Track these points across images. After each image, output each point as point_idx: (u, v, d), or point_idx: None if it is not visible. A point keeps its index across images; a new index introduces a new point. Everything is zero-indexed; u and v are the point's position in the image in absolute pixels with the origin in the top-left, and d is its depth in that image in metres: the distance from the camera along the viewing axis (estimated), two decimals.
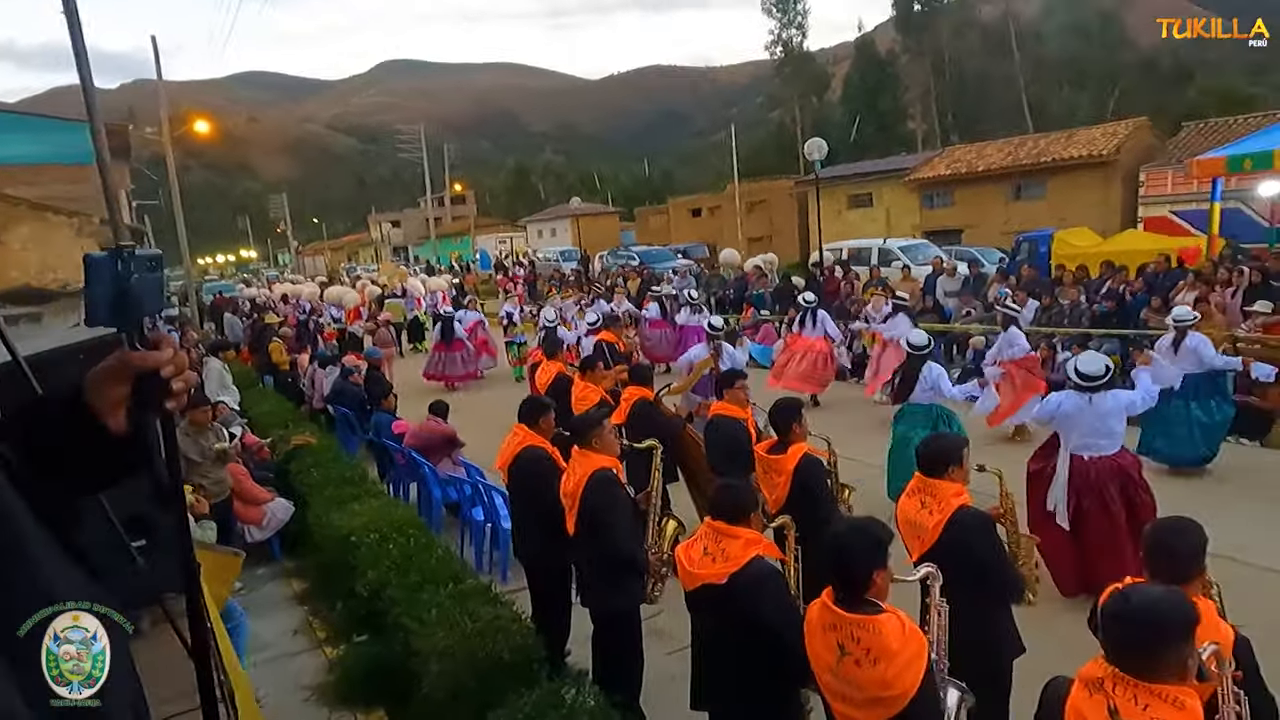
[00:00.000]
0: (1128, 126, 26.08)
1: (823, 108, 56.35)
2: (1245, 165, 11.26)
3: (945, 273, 14.56)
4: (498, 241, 49.28)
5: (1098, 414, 5.00)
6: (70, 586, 1.07)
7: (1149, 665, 1.85)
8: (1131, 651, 1.88)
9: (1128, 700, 1.84)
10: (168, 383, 1.24)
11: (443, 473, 7.15)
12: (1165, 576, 2.46)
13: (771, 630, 2.90)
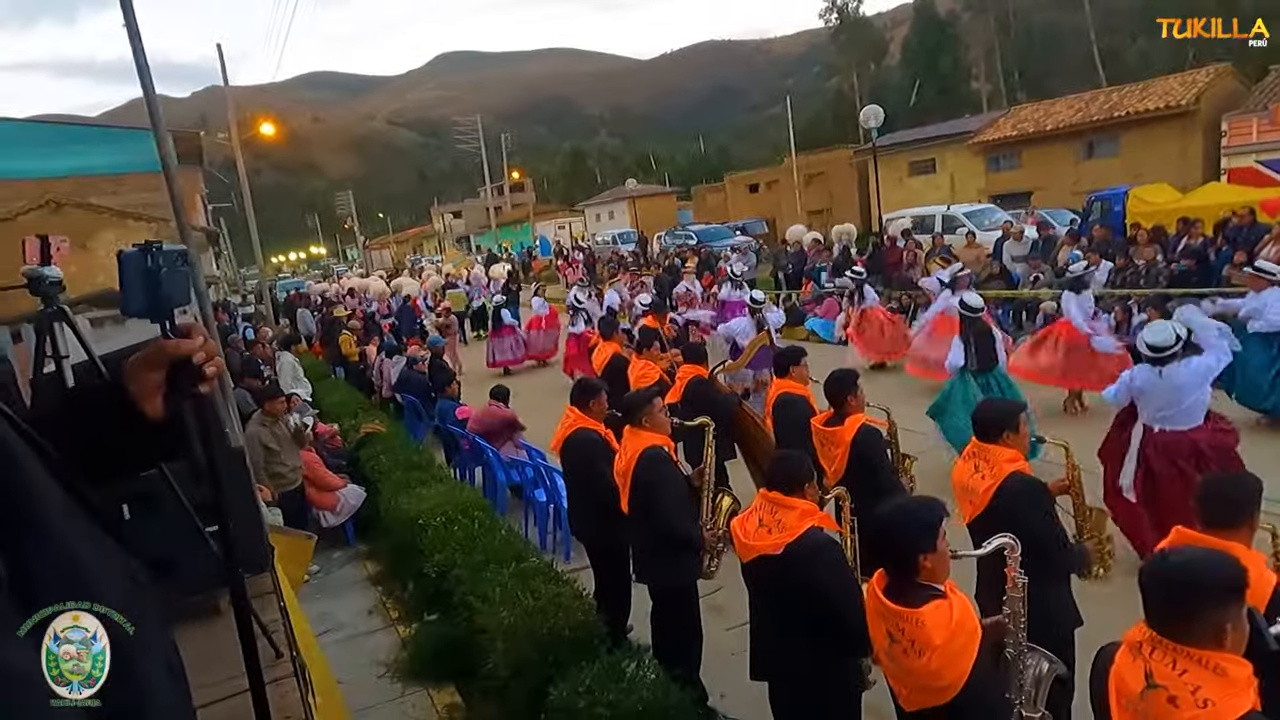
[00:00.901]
0: (1208, 74, 24.62)
1: (881, 73, 54.90)
2: None
3: (1013, 237, 14.08)
4: (557, 227, 49.69)
5: (1171, 387, 4.73)
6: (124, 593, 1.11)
7: (1186, 628, 1.78)
8: (1167, 613, 1.82)
9: (1165, 665, 1.78)
10: (200, 368, 1.31)
11: (505, 456, 7.31)
12: (1216, 522, 2.42)
13: (828, 601, 2.90)
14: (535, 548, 5.59)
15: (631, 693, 3.23)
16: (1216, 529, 2.40)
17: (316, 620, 5.45)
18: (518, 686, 3.72)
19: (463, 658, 4.46)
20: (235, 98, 20.97)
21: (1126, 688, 1.85)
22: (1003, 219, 18.07)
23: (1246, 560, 2.32)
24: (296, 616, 3.56)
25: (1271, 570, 2.44)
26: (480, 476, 8.05)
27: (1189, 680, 1.74)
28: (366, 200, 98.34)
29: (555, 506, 6.39)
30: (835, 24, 54.22)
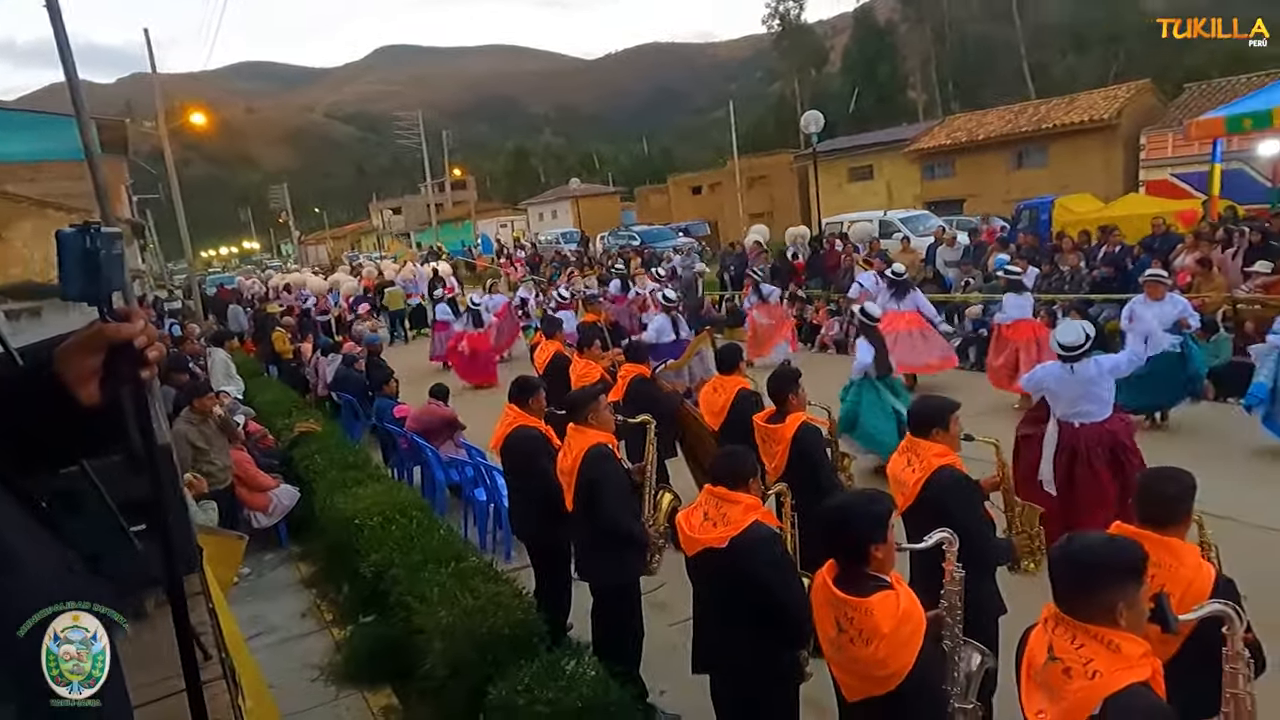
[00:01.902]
0: (1129, 90, 25.82)
1: (822, 80, 55.91)
2: (1245, 125, 11.17)
3: (945, 243, 14.50)
4: (499, 226, 49.21)
5: (1080, 382, 5.01)
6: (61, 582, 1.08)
7: (1085, 606, 1.89)
8: (1069, 592, 1.93)
9: (1065, 640, 1.89)
10: (142, 353, 1.26)
11: (445, 455, 7.22)
12: (1152, 520, 2.52)
13: (770, 592, 2.95)
14: (475, 547, 5.53)
15: (571, 690, 3.23)
16: (1154, 525, 2.49)
17: (248, 623, 5.29)
18: (456, 686, 3.68)
19: (400, 659, 4.39)
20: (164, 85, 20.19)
21: (1034, 660, 1.96)
22: (936, 225, 18.58)
23: (1184, 554, 2.46)
24: (225, 619, 3.45)
25: (1205, 560, 2.54)
26: (419, 476, 7.94)
27: (1084, 654, 1.84)
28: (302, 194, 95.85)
29: (495, 505, 6.33)
30: (778, 30, 55.03)
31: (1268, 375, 6.68)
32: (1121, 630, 1.86)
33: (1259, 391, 6.73)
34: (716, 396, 5.46)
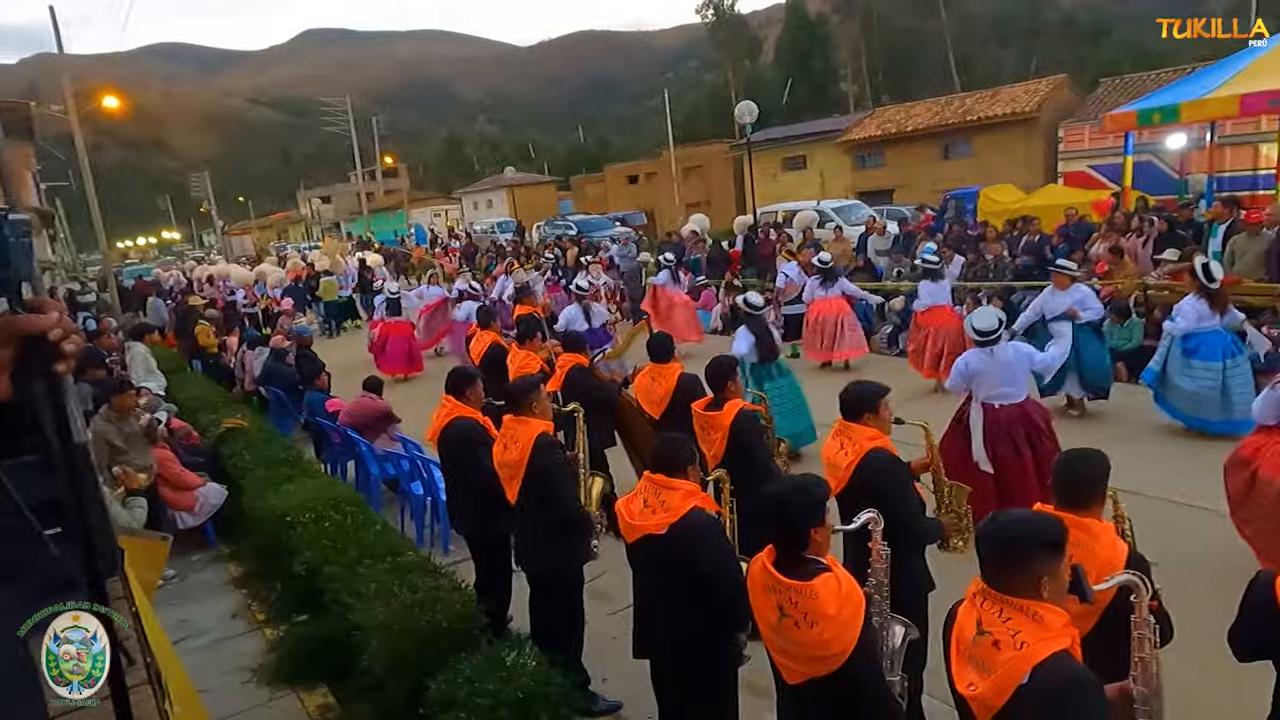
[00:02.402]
0: (1048, 84, 26.79)
1: (756, 70, 56.42)
2: (1154, 119, 11.68)
3: (876, 232, 14.84)
4: (433, 215, 48.39)
5: (1000, 364, 5.32)
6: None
7: (1009, 580, 1.98)
8: (995, 567, 2.02)
9: (993, 613, 1.98)
10: (57, 346, 1.20)
11: (380, 449, 7.09)
12: (1069, 501, 2.63)
13: (710, 577, 2.99)
14: (412, 542, 5.46)
15: (511, 681, 3.22)
16: (1071, 506, 2.61)
17: (176, 627, 5.12)
18: (395, 682, 3.63)
19: (336, 657, 4.30)
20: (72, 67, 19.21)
21: (963, 635, 2.03)
22: (868, 214, 18.98)
23: (1100, 532, 2.57)
24: (149, 622, 3.33)
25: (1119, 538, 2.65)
26: (353, 471, 7.78)
27: (1011, 626, 1.93)
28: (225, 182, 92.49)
29: (433, 499, 6.26)
30: (712, 20, 55.28)
31: (1157, 361, 7.12)
32: (1044, 602, 1.95)
33: (1147, 376, 7.23)
34: (655, 385, 5.46)
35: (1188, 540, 4.88)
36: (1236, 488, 4.65)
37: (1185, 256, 9.52)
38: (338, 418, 7.67)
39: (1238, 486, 4.63)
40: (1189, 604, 3.10)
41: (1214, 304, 6.80)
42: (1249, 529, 4.59)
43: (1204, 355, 6.84)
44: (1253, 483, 4.51)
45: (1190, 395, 6.90)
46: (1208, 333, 6.84)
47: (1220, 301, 6.86)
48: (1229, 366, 6.78)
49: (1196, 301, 6.84)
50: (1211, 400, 6.78)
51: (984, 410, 5.33)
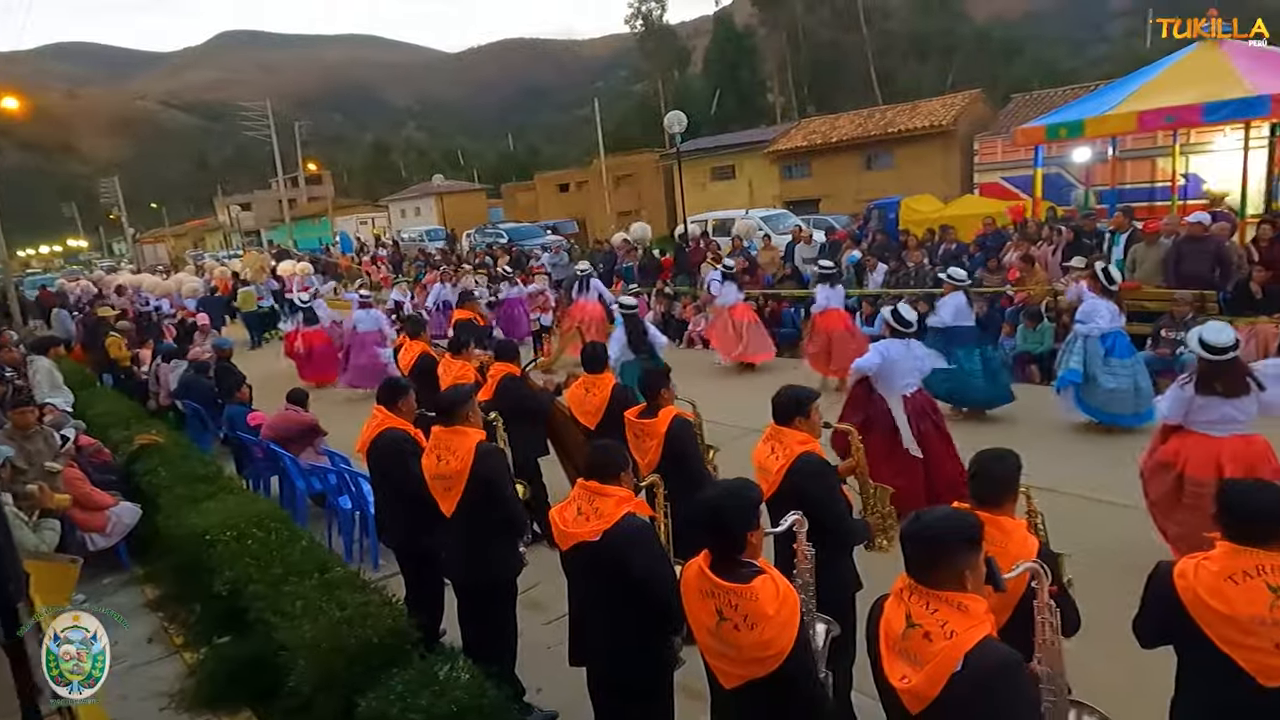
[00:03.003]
0: (964, 98, 27.88)
1: (685, 81, 57.09)
2: (1061, 133, 12.26)
3: (803, 241, 15.16)
4: (359, 223, 47.35)
5: (915, 355, 5.94)
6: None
7: (934, 575, 2.07)
8: (921, 563, 2.10)
9: (920, 607, 2.06)
10: None
11: (305, 463, 6.90)
12: (984, 500, 2.74)
13: (645, 582, 3.00)
14: (341, 557, 5.32)
15: (444, 695, 3.17)
16: (985, 505, 2.72)
17: None
18: (324, 701, 3.53)
19: (260, 679, 4.17)
20: None
21: (892, 630, 2.10)
22: (794, 223, 19.39)
23: (1012, 528, 2.69)
24: None
25: (1031, 533, 2.79)
26: (277, 486, 7.55)
27: (939, 617, 2.01)
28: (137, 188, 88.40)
29: (362, 513, 6.12)
30: (640, 31, 55.71)
31: (1078, 361, 7.42)
32: (968, 592, 2.05)
33: (1073, 376, 7.45)
34: (590, 396, 5.43)
35: (1097, 533, 5.13)
36: (1162, 492, 4.72)
37: (1090, 263, 10.03)
38: (260, 432, 7.44)
39: (1163, 491, 4.71)
40: (1098, 594, 3.27)
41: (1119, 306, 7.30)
42: (1173, 531, 4.66)
43: (1119, 353, 7.26)
44: (1180, 485, 4.60)
45: (1109, 393, 7.25)
46: (1118, 332, 7.28)
47: (1119, 304, 7.33)
48: (1135, 363, 7.26)
49: (1106, 304, 7.26)
50: (1126, 396, 7.20)
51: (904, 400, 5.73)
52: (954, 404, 8.10)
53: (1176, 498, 4.65)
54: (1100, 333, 7.27)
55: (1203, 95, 10.33)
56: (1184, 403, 4.65)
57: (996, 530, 2.62)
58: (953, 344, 7.84)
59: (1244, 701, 2.27)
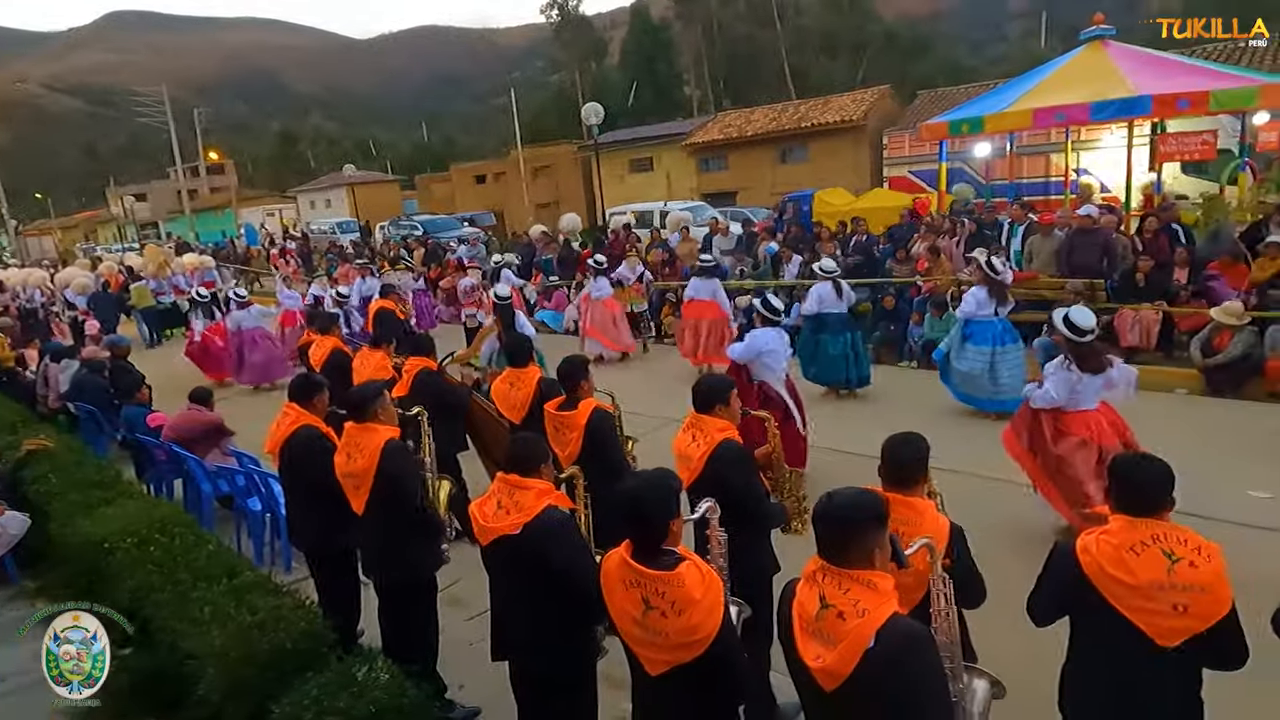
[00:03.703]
0: (873, 94, 28.69)
1: (602, 72, 56.91)
2: (963, 129, 12.81)
3: (720, 233, 15.36)
4: (265, 214, 45.57)
5: (785, 342, 6.44)
6: None
7: (845, 555, 2.14)
8: (832, 543, 2.17)
9: (833, 587, 2.13)
10: None
11: (211, 465, 6.63)
12: (896, 482, 2.86)
13: (567, 574, 3.00)
14: (251, 561, 5.14)
15: (363, 697, 3.11)
16: (898, 487, 2.82)
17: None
18: (234, 710, 3.41)
19: (166, 690, 3.99)
20: None
21: (806, 612, 2.16)
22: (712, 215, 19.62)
23: (924, 509, 2.80)
24: None
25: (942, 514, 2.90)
26: (181, 490, 7.23)
27: (851, 596, 2.09)
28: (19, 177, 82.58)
29: (272, 515, 5.92)
30: (557, 21, 55.23)
31: (945, 343, 8.16)
32: (876, 570, 2.13)
33: (937, 355, 8.33)
34: (515, 391, 5.36)
35: (991, 512, 5.38)
36: (1090, 468, 5.04)
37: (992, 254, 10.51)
38: (161, 433, 7.10)
39: (1091, 466, 5.04)
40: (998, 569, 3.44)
41: (993, 293, 7.70)
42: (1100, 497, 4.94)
43: (977, 341, 7.78)
44: (1101, 456, 4.98)
45: (963, 375, 7.88)
46: (984, 321, 7.76)
47: (999, 292, 7.74)
48: (998, 352, 7.70)
49: (979, 291, 7.76)
50: (981, 380, 7.73)
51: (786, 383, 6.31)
52: (820, 384, 8.87)
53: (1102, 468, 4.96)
54: (964, 317, 7.87)
55: (1090, 95, 10.95)
56: (1070, 384, 5.03)
57: (910, 511, 2.73)
58: (821, 330, 8.72)
59: (1140, 662, 2.41)
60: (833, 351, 8.69)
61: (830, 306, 8.67)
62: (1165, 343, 8.98)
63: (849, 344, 8.75)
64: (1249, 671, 2.43)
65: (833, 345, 8.69)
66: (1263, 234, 9.30)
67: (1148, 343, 8.97)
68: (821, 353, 8.74)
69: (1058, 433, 5.20)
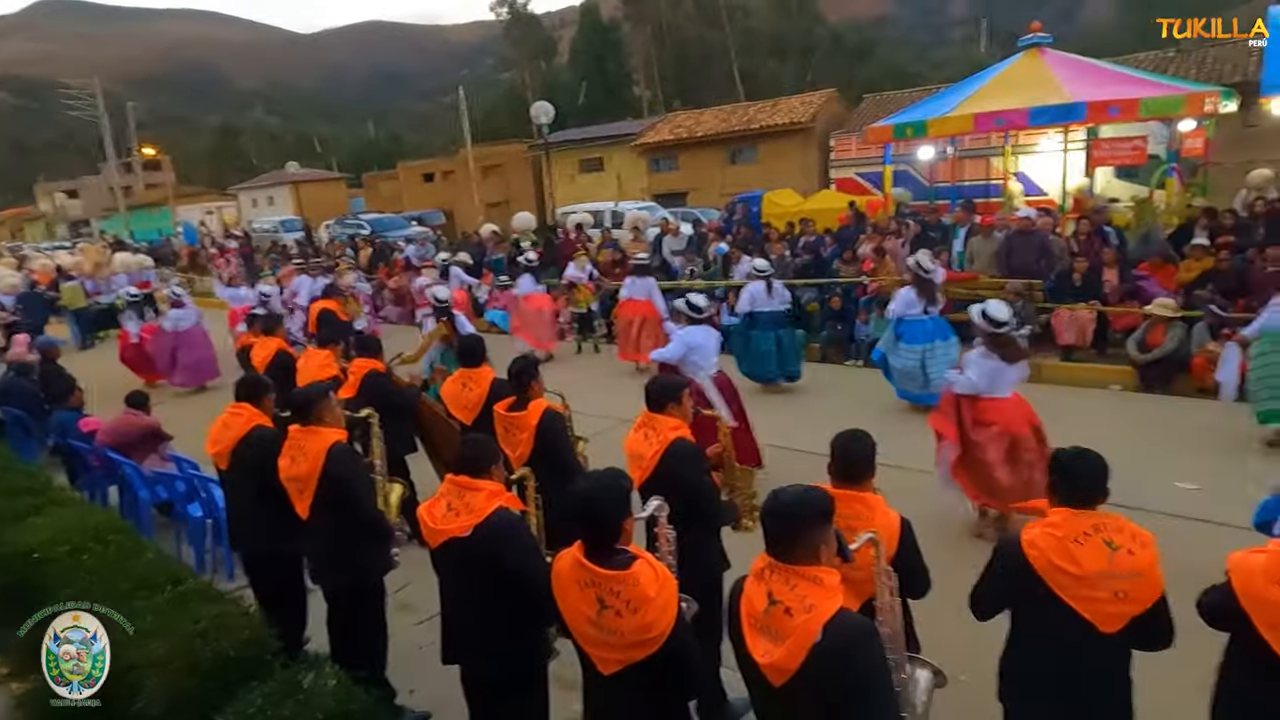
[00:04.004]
0: (821, 97, 29.11)
1: (552, 71, 56.65)
2: (907, 133, 13.08)
3: (671, 233, 15.43)
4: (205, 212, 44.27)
5: (712, 339, 6.67)
6: None
7: (792, 551, 2.18)
8: (780, 539, 2.21)
9: (781, 583, 2.16)
10: None
11: (149, 470, 6.43)
12: (847, 477, 2.92)
13: (518, 575, 2.99)
14: (192, 568, 5.01)
15: (310, 704, 3.05)
16: (848, 482, 2.88)
17: None
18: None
19: (103, 703, 3.86)
20: None
21: (754, 608, 2.20)
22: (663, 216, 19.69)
23: (874, 503, 2.86)
24: None
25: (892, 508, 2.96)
26: (117, 497, 7.00)
27: (799, 592, 2.13)
28: None
29: (214, 521, 5.77)
30: (507, 18, 54.80)
31: (882, 342, 8.51)
32: (823, 566, 2.17)
33: (874, 354, 8.71)
34: (467, 391, 5.29)
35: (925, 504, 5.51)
36: (1000, 456, 5.34)
37: (935, 255, 10.75)
38: (95, 438, 6.87)
39: (1002, 454, 5.33)
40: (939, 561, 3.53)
41: (922, 293, 8.03)
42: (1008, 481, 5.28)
43: (908, 339, 8.12)
44: (1015, 444, 5.31)
45: (899, 371, 8.26)
46: (915, 320, 8.07)
47: (928, 292, 8.06)
48: (929, 350, 8.01)
49: (908, 291, 8.11)
50: (914, 376, 8.07)
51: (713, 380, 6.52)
52: (752, 379, 9.20)
53: (1013, 454, 5.33)
54: (894, 316, 8.25)
55: (1028, 100, 11.28)
56: (991, 372, 5.36)
57: (862, 506, 2.79)
58: (753, 327, 9.16)
59: (1082, 649, 2.51)
60: (763, 348, 9.12)
61: (762, 305, 9.09)
62: (1100, 341, 9.31)
63: (778, 341, 9.16)
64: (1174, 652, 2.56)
65: (763, 341, 9.11)
66: (1189, 236, 9.70)
67: (1083, 341, 9.29)
68: (753, 349, 9.18)
69: (976, 420, 5.46)
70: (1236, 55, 18.43)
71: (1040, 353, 9.35)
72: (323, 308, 9.92)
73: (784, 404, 8.95)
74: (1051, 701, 2.59)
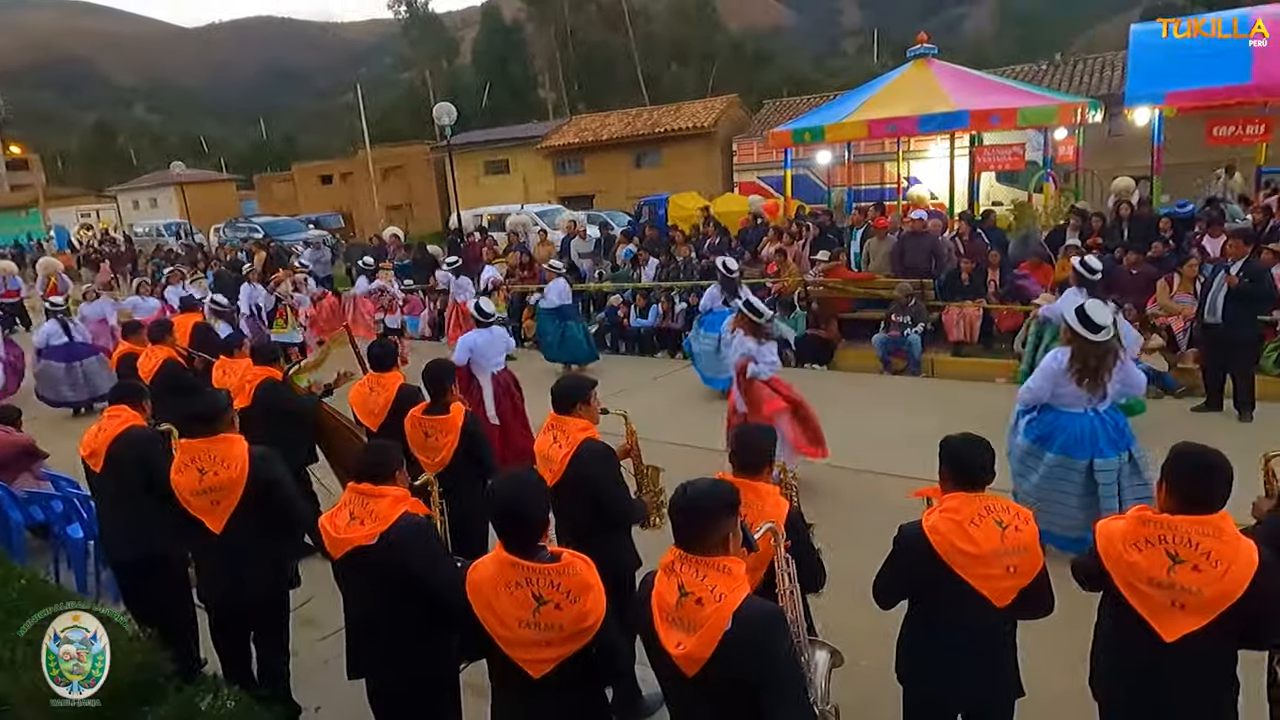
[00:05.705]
0: (723, 102, 29.67)
1: (454, 72, 55.76)
2: (806, 137, 13.47)
3: (578, 236, 15.43)
4: (80, 215, 41.55)
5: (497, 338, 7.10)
6: None
7: (702, 543, 2.23)
8: (690, 533, 2.26)
9: (691, 575, 2.21)
10: None
11: (21, 490, 5.98)
12: (746, 467, 2.99)
13: (425, 583, 2.94)
14: (72, 592, 4.70)
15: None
16: (746, 472, 2.96)
17: None
18: None
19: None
20: None
21: (665, 602, 2.23)
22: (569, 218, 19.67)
23: (766, 493, 2.93)
24: None
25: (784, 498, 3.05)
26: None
27: (708, 583, 2.17)
28: None
29: (95, 541, 5.41)
30: (405, 17, 53.57)
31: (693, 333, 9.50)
32: (730, 556, 2.23)
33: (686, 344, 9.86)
34: (374, 395, 5.14)
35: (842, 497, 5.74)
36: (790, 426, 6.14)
37: (834, 257, 11.13)
38: None
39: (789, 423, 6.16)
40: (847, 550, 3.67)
41: (725, 289, 8.87)
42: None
43: (708, 327, 9.03)
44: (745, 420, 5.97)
45: (699, 355, 9.19)
46: (717, 311, 8.84)
47: (730, 288, 8.75)
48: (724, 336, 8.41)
49: (714, 288, 9.14)
50: (711, 360, 8.85)
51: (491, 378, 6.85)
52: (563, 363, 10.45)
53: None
54: (704, 309, 9.25)
55: (917, 108, 11.81)
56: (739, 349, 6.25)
57: (753, 494, 2.87)
58: (565, 318, 10.59)
59: (979, 622, 2.67)
60: (550, 338, 10.67)
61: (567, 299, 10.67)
62: (985, 337, 9.83)
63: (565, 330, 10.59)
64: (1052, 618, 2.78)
65: (551, 331, 10.63)
66: (1064, 238, 10.36)
67: (971, 337, 9.79)
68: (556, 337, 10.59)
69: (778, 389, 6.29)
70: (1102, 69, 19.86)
71: (933, 348, 9.81)
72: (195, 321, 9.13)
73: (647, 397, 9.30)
74: (951, 674, 2.75)
